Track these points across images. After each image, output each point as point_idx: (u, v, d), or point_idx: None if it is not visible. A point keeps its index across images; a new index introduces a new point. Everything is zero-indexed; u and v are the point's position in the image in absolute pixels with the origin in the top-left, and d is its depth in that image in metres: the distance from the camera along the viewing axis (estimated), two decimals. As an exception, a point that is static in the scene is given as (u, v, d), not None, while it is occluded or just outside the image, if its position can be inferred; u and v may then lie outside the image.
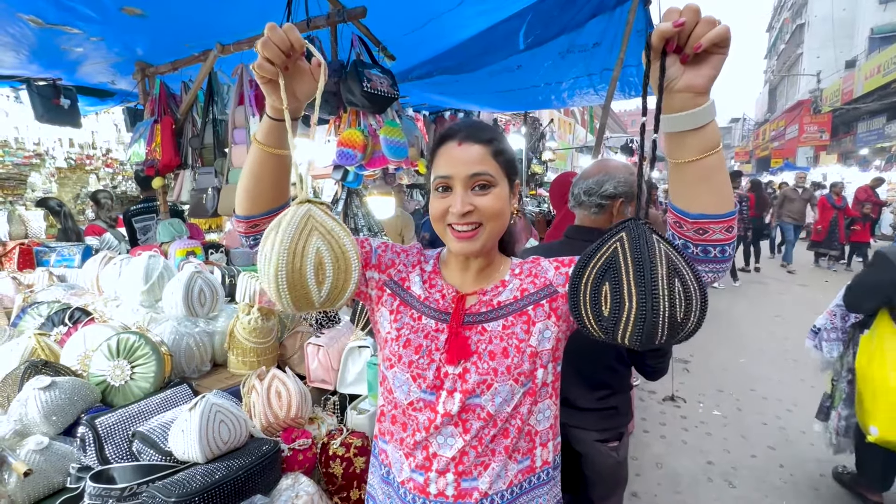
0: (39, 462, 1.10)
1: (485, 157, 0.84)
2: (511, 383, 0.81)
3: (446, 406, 0.82)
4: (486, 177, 0.83)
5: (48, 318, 1.66)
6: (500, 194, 0.84)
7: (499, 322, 0.85)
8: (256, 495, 1.02)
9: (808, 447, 3.10)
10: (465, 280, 0.92)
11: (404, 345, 0.86)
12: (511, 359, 0.82)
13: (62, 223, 3.66)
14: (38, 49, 2.92)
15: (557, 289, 0.87)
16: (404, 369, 0.85)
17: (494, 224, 0.84)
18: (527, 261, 0.94)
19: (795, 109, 21.16)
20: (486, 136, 0.85)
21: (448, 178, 0.84)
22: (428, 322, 0.88)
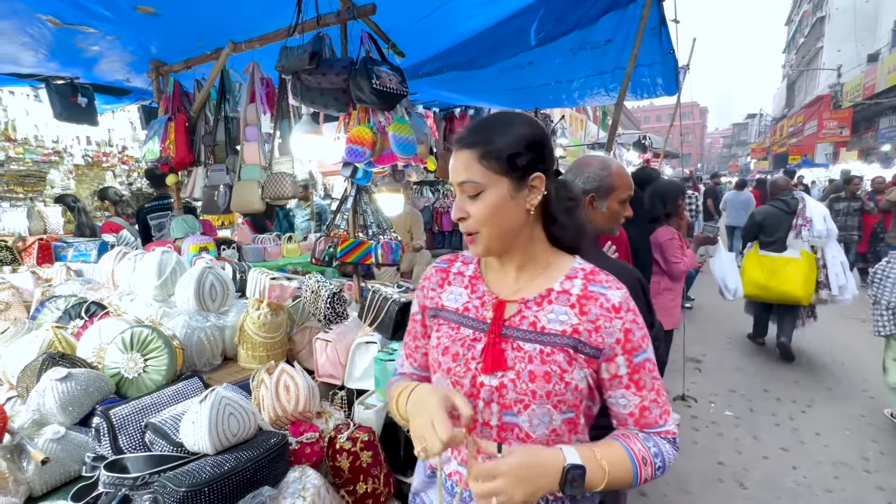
0: (56, 451, 1.13)
1: (469, 164, 0.83)
2: (549, 408, 0.81)
3: (484, 416, 0.84)
4: (471, 184, 0.82)
5: (65, 312, 1.70)
6: (492, 199, 0.82)
7: (536, 346, 0.82)
8: (264, 487, 1.04)
9: (822, 449, 3.05)
10: (505, 279, 0.90)
11: (443, 352, 0.89)
12: (553, 384, 0.80)
13: (77, 218, 3.74)
14: (55, 48, 2.98)
15: (601, 359, 0.83)
16: (445, 375, 0.88)
17: (490, 229, 0.83)
18: (602, 295, 0.83)
19: (815, 105, 20.66)
20: (475, 138, 0.83)
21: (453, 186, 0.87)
22: (465, 332, 0.88)
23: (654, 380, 0.84)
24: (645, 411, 0.83)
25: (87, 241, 2.69)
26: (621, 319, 0.81)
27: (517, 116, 0.86)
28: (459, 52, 3.77)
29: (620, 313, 0.82)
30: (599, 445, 0.80)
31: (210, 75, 3.11)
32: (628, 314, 0.82)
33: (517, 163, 0.82)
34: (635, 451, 0.80)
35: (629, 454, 0.79)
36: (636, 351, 0.82)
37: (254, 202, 2.98)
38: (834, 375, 4.15)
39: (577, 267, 0.88)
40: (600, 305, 0.82)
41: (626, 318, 0.82)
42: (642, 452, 0.80)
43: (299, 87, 2.37)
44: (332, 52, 2.52)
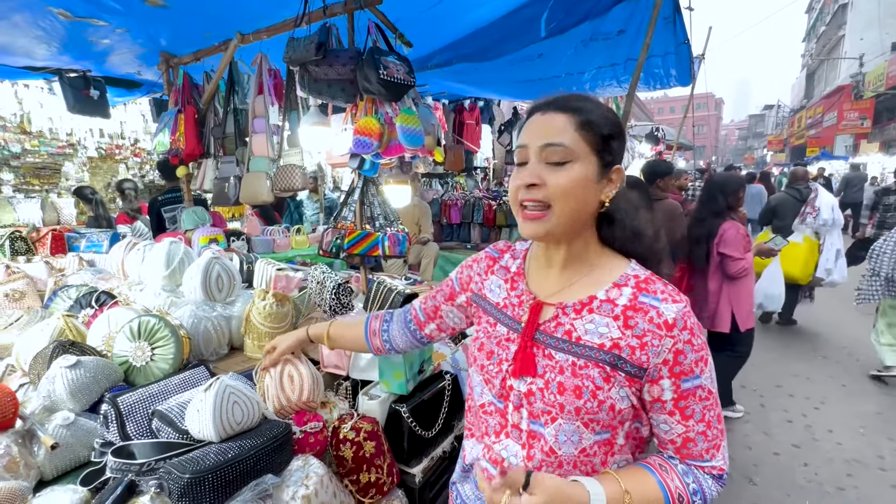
0: (66, 436, 1.16)
1: (565, 128, 0.73)
2: (579, 425, 0.74)
3: (513, 419, 0.80)
4: (561, 149, 0.72)
5: (76, 301, 1.73)
6: (579, 173, 0.73)
7: (568, 357, 0.75)
8: (267, 475, 1.05)
9: (834, 446, 3.00)
10: (547, 278, 0.83)
11: (479, 348, 0.87)
12: (584, 402, 0.72)
13: (94, 210, 3.81)
14: (67, 41, 3.01)
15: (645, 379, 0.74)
16: (478, 371, 0.86)
17: (566, 206, 0.73)
18: (653, 308, 0.73)
19: (835, 95, 20.10)
20: (575, 104, 0.75)
21: (524, 149, 0.76)
22: (501, 329, 0.84)
23: (707, 410, 0.74)
24: (689, 443, 0.75)
25: (99, 232, 2.74)
26: (672, 339, 0.71)
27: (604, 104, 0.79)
28: (468, 43, 3.73)
29: (673, 331, 0.71)
30: (632, 478, 0.73)
31: (219, 67, 3.12)
32: (683, 333, 0.71)
33: (611, 146, 0.76)
34: (671, 489, 0.72)
35: (664, 492, 0.72)
36: (686, 376, 0.72)
37: (262, 193, 3.00)
38: (849, 372, 4.07)
39: (630, 274, 0.78)
40: (650, 320, 0.72)
41: (679, 336, 0.71)
42: (679, 490, 0.72)
43: (306, 78, 2.36)
44: (340, 42, 2.51)
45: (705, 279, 3.06)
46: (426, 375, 1.56)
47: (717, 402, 0.75)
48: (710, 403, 0.74)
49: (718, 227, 2.92)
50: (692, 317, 0.73)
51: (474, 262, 0.97)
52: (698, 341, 0.73)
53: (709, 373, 0.75)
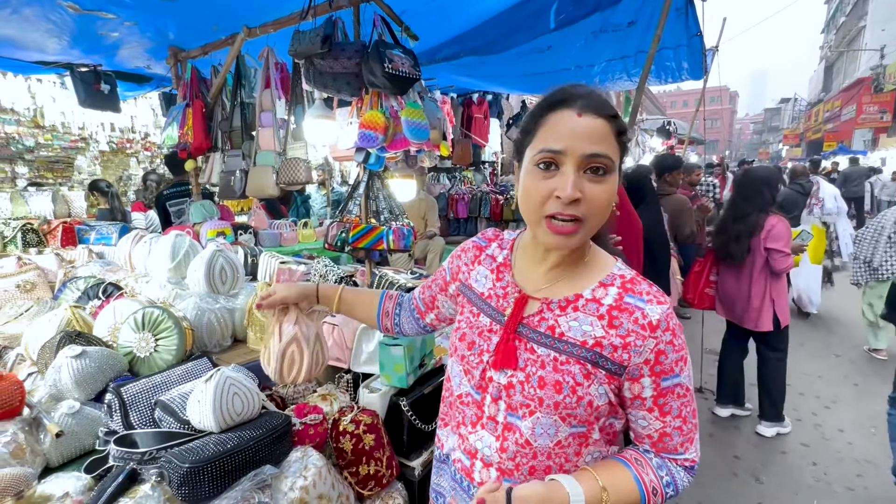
0: (71, 425, 1.18)
1: (607, 136, 0.70)
2: (556, 419, 0.75)
3: (490, 411, 0.80)
4: (606, 160, 0.70)
5: (84, 292, 1.76)
6: (613, 184, 0.72)
7: (550, 353, 0.75)
8: (266, 465, 1.06)
9: (845, 446, 2.95)
10: (535, 273, 0.82)
11: (460, 338, 0.87)
12: (564, 397, 0.73)
13: (109, 203, 3.86)
14: (77, 35, 3.04)
15: (625, 377, 0.75)
16: (458, 361, 0.86)
17: (597, 221, 0.72)
18: (638, 309, 0.74)
19: (854, 88, 19.62)
20: (610, 110, 0.72)
21: (559, 154, 0.70)
22: (484, 320, 0.84)
23: (684, 406, 0.76)
24: (665, 437, 0.77)
25: (108, 225, 2.78)
26: (655, 339, 0.72)
27: None
28: (476, 35, 3.69)
29: (656, 332, 0.72)
30: (609, 473, 0.75)
31: (226, 61, 3.13)
32: (665, 334, 0.73)
33: (626, 151, 0.76)
34: (646, 483, 0.74)
35: (639, 486, 0.74)
36: (666, 374, 0.74)
37: (268, 187, 3.01)
38: (862, 372, 4.00)
39: (616, 273, 0.78)
40: (634, 321, 0.73)
41: (661, 337, 0.72)
42: (653, 483, 0.75)
43: (312, 71, 2.36)
44: (345, 35, 2.50)
45: (739, 277, 2.97)
46: (427, 369, 1.56)
47: (692, 398, 0.78)
48: (686, 400, 0.77)
49: (764, 222, 2.83)
50: (674, 318, 0.75)
51: (462, 251, 0.96)
52: (679, 341, 0.75)
53: (687, 371, 0.76)
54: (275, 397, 1.41)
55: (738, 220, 2.91)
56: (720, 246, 3.02)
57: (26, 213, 2.78)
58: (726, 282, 3.08)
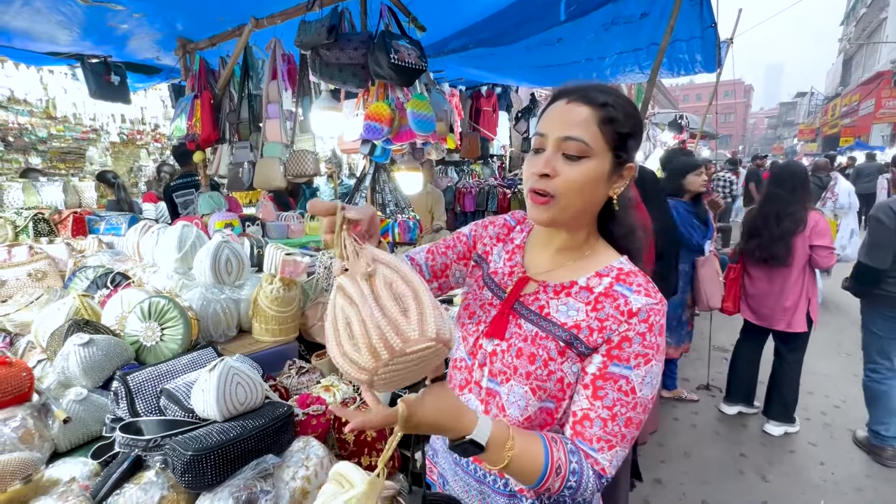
0: (78, 411, 1.20)
1: (587, 122, 0.73)
2: (527, 390, 0.77)
3: (475, 375, 0.85)
4: (579, 144, 0.73)
5: (93, 282, 1.78)
6: (592, 169, 0.74)
7: (534, 329, 0.79)
8: (269, 455, 1.06)
9: (853, 446, 2.91)
10: (541, 256, 0.87)
11: (465, 307, 0.92)
12: (535, 368, 0.77)
13: (117, 194, 3.91)
14: (87, 26, 3.06)
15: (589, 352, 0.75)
16: (459, 328, 0.90)
17: (570, 200, 0.75)
18: (623, 297, 0.74)
19: (873, 82, 19.14)
20: (601, 99, 0.74)
21: (542, 138, 0.77)
22: (486, 294, 0.89)
23: (621, 405, 0.72)
24: (585, 421, 0.74)
25: (118, 215, 2.81)
26: (628, 325, 0.72)
27: (628, 98, 0.79)
28: (485, 27, 3.65)
29: (632, 319, 0.73)
30: (521, 434, 0.73)
31: (234, 52, 3.14)
32: (640, 324, 0.72)
33: (628, 145, 0.76)
34: (553, 457, 0.71)
35: (546, 458, 0.71)
36: (619, 361, 0.72)
37: (276, 179, 3.02)
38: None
39: (615, 266, 0.80)
40: (616, 307, 0.74)
41: (634, 326, 0.72)
42: (560, 462, 0.71)
43: (318, 62, 2.36)
44: (352, 26, 2.49)
45: (771, 277, 2.85)
46: (430, 362, 1.56)
47: (636, 409, 0.73)
48: (627, 401, 0.72)
49: (808, 219, 2.71)
50: (659, 316, 0.74)
51: (491, 223, 0.98)
52: (652, 339, 0.73)
53: (644, 375, 0.73)
54: (278, 387, 1.42)
55: (782, 218, 2.75)
56: (760, 247, 2.84)
57: (38, 203, 2.82)
58: (756, 283, 2.95)
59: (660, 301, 0.75)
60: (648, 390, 0.73)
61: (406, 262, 0.71)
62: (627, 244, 0.84)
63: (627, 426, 0.73)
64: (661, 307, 0.74)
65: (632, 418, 0.73)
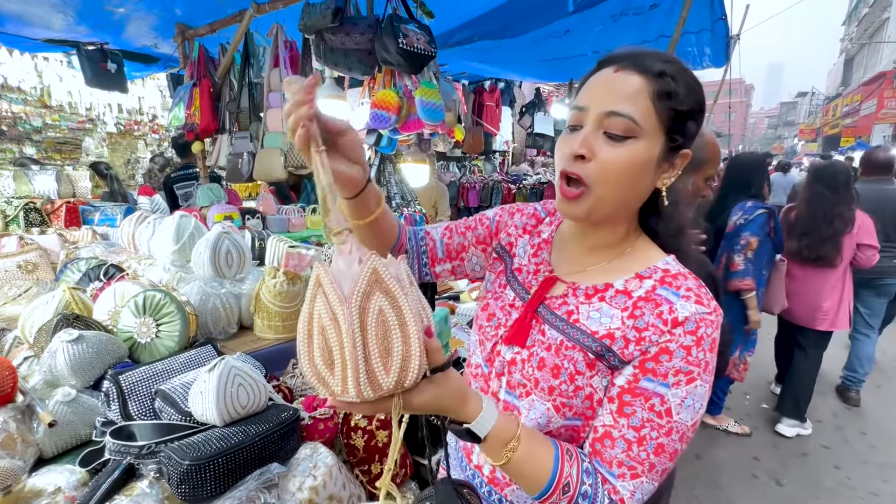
0: (66, 413, 1.11)
1: (639, 95, 0.60)
2: (550, 407, 0.67)
3: (493, 385, 0.75)
4: (626, 121, 0.60)
5: (85, 274, 1.69)
6: (640, 153, 0.61)
7: (559, 336, 0.68)
8: (273, 463, 0.98)
9: (868, 449, 2.85)
10: (571, 255, 0.75)
11: (483, 307, 0.81)
12: (560, 382, 0.66)
13: (109, 185, 3.80)
14: (82, 10, 2.95)
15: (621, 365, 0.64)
16: (477, 331, 0.80)
17: (609, 192, 0.62)
18: (667, 302, 0.62)
19: (875, 82, 19.08)
20: (657, 67, 0.61)
21: (582, 112, 0.63)
22: (509, 294, 0.77)
23: (651, 427, 0.60)
24: (607, 439, 0.63)
25: (113, 206, 2.71)
26: (671, 336, 0.60)
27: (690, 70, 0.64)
28: (492, 18, 3.55)
29: (676, 329, 0.60)
30: (533, 437, 0.63)
31: (234, 38, 3.03)
32: (685, 336, 0.60)
33: (686, 127, 0.63)
34: (563, 473, 0.61)
35: (554, 470, 0.61)
36: (653, 376, 0.61)
37: (276, 170, 2.93)
38: (883, 372, 3.88)
39: (660, 267, 0.67)
40: (658, 314, 0.62)
41: (678, 338, 0.60)
42: (570, 479, 0.61)
43: (322, 47, 2.26)
44: (358, 10, 2.39)
45: (811, 277, 2.83)
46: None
47: (672, 435, 0.61)
48: (660, 424, 0.61)
49: (855, 217, 2.69)
50: (711, 328, 0.61)
51: (519, 211, 0.86)
52: (699, 356, 0.60)
53: (685, 397, 0.60)
54: (281, 388, 1.34)
55: (831, 219, 2.69)
56: (808, 247, 2.78)
57: (30, 193, 2.72)
58: (798, 283, 2.87)
59: (713, 310, 0.61)
60: (689, 415, 0.60)
61: (407, 276, 0.54)
62: (675, 245, 0.71)
63: (658, 454, 0.61)
64: (714, 317, 0.61)
65: (664, 445, 0.61)
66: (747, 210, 2.42)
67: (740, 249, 2.41)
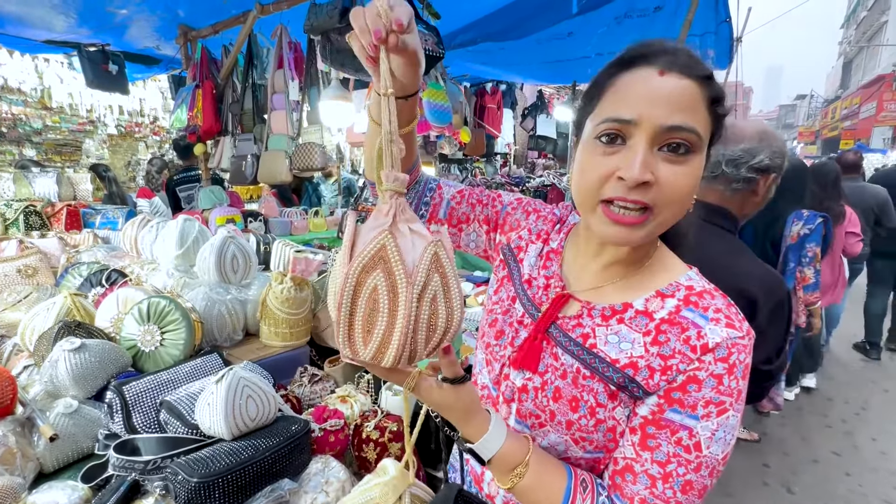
0: (68, 426, 1.07)
1: (696, 104, 0.54)
2: (567, 440, 0.63)
3: (503, 411, 0.69)
4: (691, 135, 0.53)
5: (87, 279, 1.65)
6: (698, 169, 0.55)
7: (575, 363, 0.62)
8: (284, 479, 0.94)
9: (878, 455, 2.81)
10: (585, 270, 0.68)
11: (490, 323, 0.73)
12: (579, 417, 0.61)
13: (108, 188, 3.76)
14: (84, 11, 2.92)
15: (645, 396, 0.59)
16: (483, 349, 0.73)
17: (671, 213, 0.56)
18: (694, 326, 0.57)
19: (874, 85, 19.14)
20: (702, 70, 0.54)
21: (628, 125, 0.54)
22: (518, 309, 0.70)
23: (681, 466, 0.55)
24: (628, 473, 0.58)
25: (114, 209, 2.67)
26: (700, 364, 0.55)
27: None
28: (496, 20, 3.53)
29: (706, 356, 0.55)
30: (544, 464, 0.60)
31: (237, 40, 3.00)
32: (717, 364, 0.54)
33: (721, 131, 0.59)
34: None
35: (566, 501, 0.58)
36: (681, 406, 0.55)
37: (281, 173, 2.89)
38: (892, 377, 3.84)
39: (682, 283, 0.61)
40: (685, 340, 0.56)
41: (709, 366, 0.54)
42: None
43: (328, 48, 2.22)
44: (363, 11, 2.36)
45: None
46: (454, 370, 1.43)
47: (701, 471, 0.55)
48: (688, 459, 0.55)
49: (845, 211, 3.08)
50: (744, 353, 0.55)
51: (536, 212, 0.77)
52: (732, 384, 0.54)
53: (716, 429, 0.54)
54: (290, 397, 1.30)
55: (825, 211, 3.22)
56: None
57: (30, 195, 2.68)
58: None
59: (746, 333, 0.56)
60: (720, 448, 0.54)
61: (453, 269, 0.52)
62: (680, 242, 0.67)
63: (686, 491, 0.55)
64: (747, 341, 0.56)
65: (692, 482, 0.54)
66: (807, 220, 2.43)
67: (809, 262, 2.42)
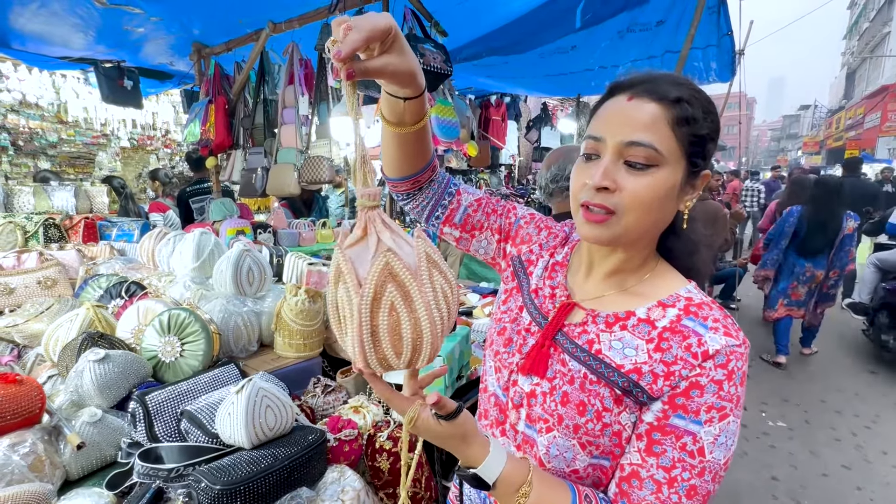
0: (93, 434, 1.10)
1: (657, 123, 0.60)
2: (574, 444, 0.65)
3: (511, 418, 0.72)
4: (649, 151, 0.60)
5: (106, 291, 1.69)
6: (663, 181, 0.61)
7: (582, 369, 0.65)
8: (303, 487, 0.97)
9: (890, 469, 2.78)
10: (588, 278, 0.73)
11: (500, 332, 0.77)
12: (586, 421, 0.63)
13: (123, 202, 3.84)
14: (102, 29, 3.01)
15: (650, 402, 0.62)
16: (491, 356, 0.77)
17: (636, 220, 0.62)
18: (694, 334, 0.61)
19: (878, 95, 19.13)
20: (673, 93, 0.60)
21: (598, 141, 0.63)
22: (525, 317, 0.75)
23: (686, 471, 0.58)
24: (633, 479, 0.61)
25: (130, 221, 2.74)
26: (701, 370, 0.59)
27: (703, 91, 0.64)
28: (501, 35, 3.61)
29: (707, 363, 0.59)
30: (546, 482, 0.62)
31: (250, 57, 3.09)
32: (717, 370, 0.58)
33: (706, 149, 0.63)
34: None
35: None
36: (685, 412, 0.59)
37: (290, 185, 2.95)
38: (902, 389, 3.81)
39: (682, 295, 0.66)
40: (686, 347, 0.60)
41: (709, 372, 0.58)
42: None
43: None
44: (374, 30, 2.43)
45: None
46: (464, 382, 1.46)
47: (704, 476, 0.59)
48: (692, 465, 0.58)
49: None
50: (741, 361, 0.60)
51: (548, 229, 0.83)
52: (731, 390, 0.59)
53: (718, 434, 0.58)
54: (304, 408, 1.33)
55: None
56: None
57: (49, 208, 2.75)
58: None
59: (743, 342, 0.60)
60: (721, 453, 0.58)
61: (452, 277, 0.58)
62: (690, 264, 0.71)
63: (690, 496, 0.58)
64: (744, 350, 0.60)
65: (696, 487, 0.58)
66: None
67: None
